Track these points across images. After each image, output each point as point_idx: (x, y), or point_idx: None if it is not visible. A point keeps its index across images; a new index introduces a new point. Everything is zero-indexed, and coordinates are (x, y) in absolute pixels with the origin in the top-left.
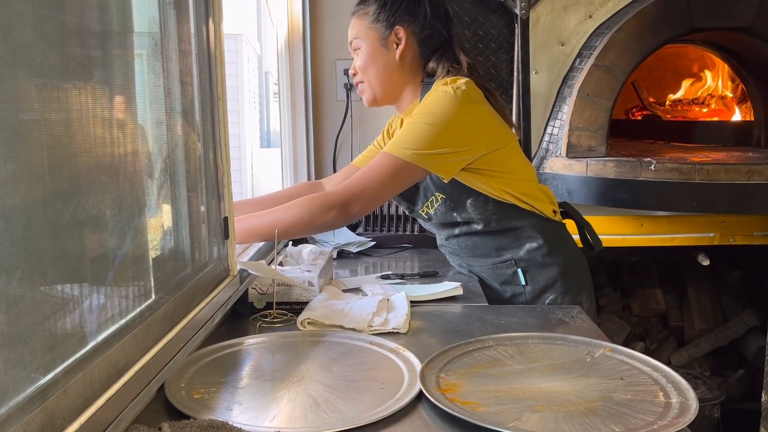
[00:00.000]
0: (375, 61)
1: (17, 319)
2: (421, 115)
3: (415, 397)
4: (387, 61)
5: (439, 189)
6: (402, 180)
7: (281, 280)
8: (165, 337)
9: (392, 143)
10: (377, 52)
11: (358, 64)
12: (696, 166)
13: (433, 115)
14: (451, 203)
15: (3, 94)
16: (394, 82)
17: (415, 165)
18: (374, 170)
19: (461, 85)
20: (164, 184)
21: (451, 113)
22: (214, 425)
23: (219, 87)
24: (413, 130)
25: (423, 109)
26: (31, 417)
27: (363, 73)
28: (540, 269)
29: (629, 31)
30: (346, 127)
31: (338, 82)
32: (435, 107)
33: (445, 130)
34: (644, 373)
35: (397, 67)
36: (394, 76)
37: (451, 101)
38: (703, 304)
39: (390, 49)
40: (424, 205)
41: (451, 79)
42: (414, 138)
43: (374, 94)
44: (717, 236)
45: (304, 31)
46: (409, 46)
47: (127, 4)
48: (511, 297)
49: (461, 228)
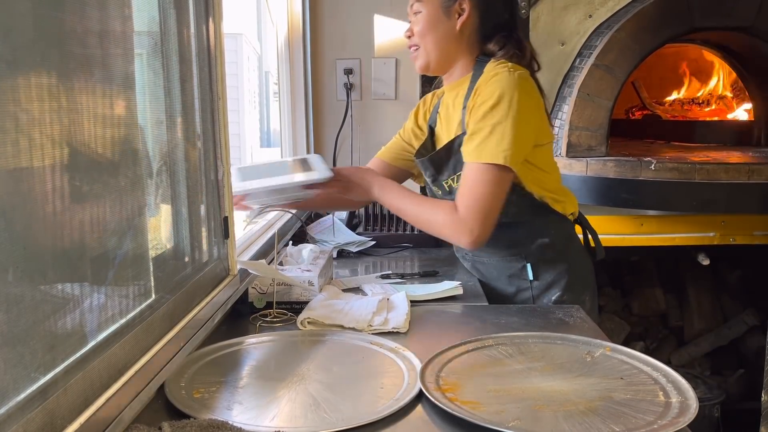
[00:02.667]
0: (434, 28)
1: (17, 318)
2: (493, 109)
3: (415, 397)
4: (446, 30)
5: None
6: (506, 185)
7: (281, 280)
8: (165, 337)
9: (481, 149)
10: (438, 19)
11: (416, 28)
12: (696, 165)
13: (506, 109)
14: None
15: (2, 93)
16: (450, 52)
17: (510, 166)
18: (481, 186)
19: (522, 73)
20: (164, 184)
21: (520, 104)
22: (214, 425)
23: (219, 87)
24: (499, 131)
25: (492, 102)
26: (31, 416)
27: (420, 38)
28: (548, 265)
29: (629, 30)
30: (346, 126)
31: (338, 82)
32: (504, 99)
33: (521, 124)
34: (644, 372)
35: (455, 38)
36: (452, 46)
37: (518, 91)
38: (703, 303)
39: (451, 18)
40: (450, 177)
41: (512, 65)
42: (501, 139)
43: (428, 61)
44: (717, 236)
45: (304, 30)
46: (471, 18)
47: (127, 4)
48: (516, 292)
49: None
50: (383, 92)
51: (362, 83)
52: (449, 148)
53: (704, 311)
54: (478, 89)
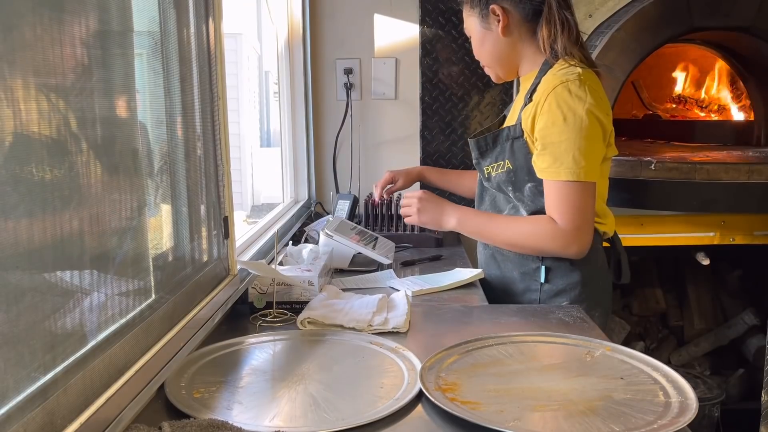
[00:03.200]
0: (483, 43)
1: (17, 318)
2: (565, 122)
3: (415, 397)
4: (494, 41)
5: (511, 158)
6: (593, 191)
7: (281, 280)
8: (165, 337)
9: (558, 168)
10: (483, 35)
11: (474, 50)
12: (696, 165)
13: (578, 123)
14: (512, 176)
15: (2, 93)
16: (509, 57)
17: (589, 181)
18: (574, 200)
19: (587, 77)
20: (164, 184)
21: (590, 115)
22: (214, 424)
23: (219, 87)
24: (572, 146)
25: (562, 115)
26: (31, 416)
27: (479, 57)
28: (563, 272)
29: (629, 30)
30: (346, 126)
31: (338, 82)
32: (575, 112)
33: (593, 136)
34: (644, 372)
35: (505, 44)
36: (506, 51)
37: (587, 101)
38: (703, 303)
39: (493, 29)
40: (490, 165)
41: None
42: (576, 155)
43: (496, 73)
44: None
45: (304, 31)
46: (509, 18)
47: (127, 4)
48: (524, 290)
49: (510, 212)
50: (383, 92)
51: (362, 83)
52: (496, 136)
53: (704, 311)
54: (542, 94)
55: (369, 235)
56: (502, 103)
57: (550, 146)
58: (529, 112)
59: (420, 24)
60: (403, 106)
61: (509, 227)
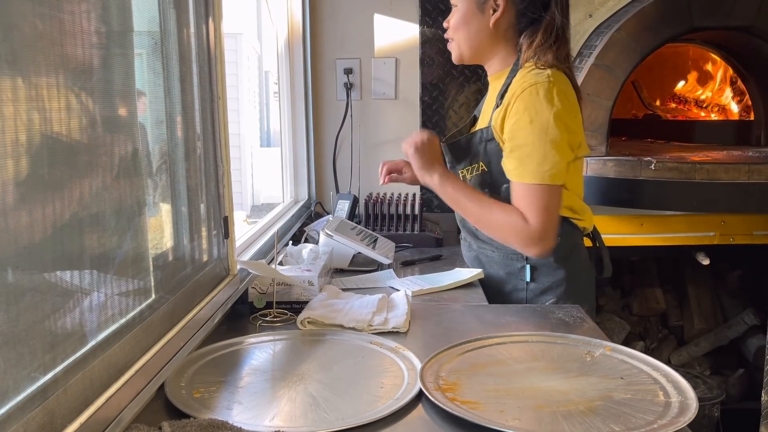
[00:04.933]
0: (467, 22)
1: (17, 318)
2: (531, 125)
3: (415, 397)
4: (480, 26)
5: (485, 159)
6: (560, 193)
7: (281, 280)
8: (165, 337)
9: (523, 170)
10: (471, 15)
11: (452, 21)
12: (696, 165)
13: (543, 125)
14: (488, 178)
15: (2, 93)
16: (484, 47)
17: (556, 184)
18: (540, 201)
19: (556, 77)
20: (164, 184)
21: (557, 117)
22: (214, 424)
23: (219, 87)
24: (539, 149)
25: (528, 117)
26: (31, 416)
27: (453, 31)
28: (548, 270)
29: (629, 30)
30: (346, 126)
31: (338, 82)
32: (541, 114)
33: (559, 138)
34: (644, 372)
35: (489, 34)
36: (485, 41)
37: (555, 102)
38: (703, 303)
39: (486, 14)
40: (465, 168)
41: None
42: (542, 159)
43: (461, 54)
44: (717, 236)
45: (304, 30)
46: (506, 14)
47: (127, 4)
48: (511, 290)
49: None
50: (383, 92)
51: (362, 83)
52: (469, 139)
53: (704, 311)
54: (511, 96)
55: (369, 235)
56: None
57: (516, 149)
58: (499, 114)
59: (420, 24)
60: (403, 106)
61: (483, 207)
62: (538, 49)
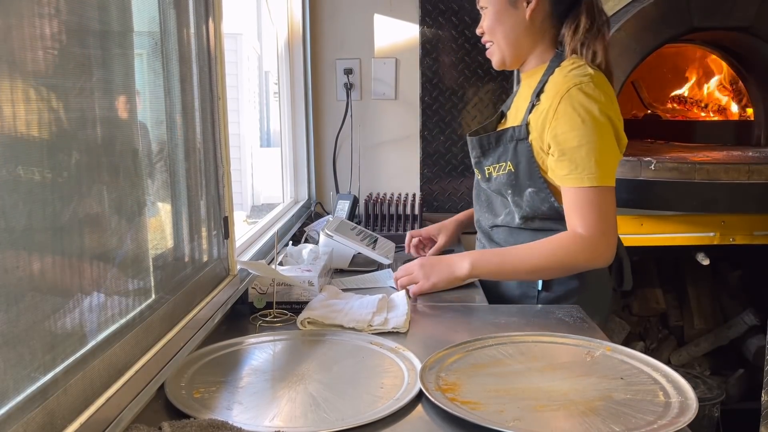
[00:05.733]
0: (502, 21)
1: (17, 318)
2: (583, 126)
3: (415, 397)
4: (515, 21)
5: (514, 160)
6: (614, 196)
7: (281, 280)
8: (165, 337)
9: (579, 174)
10: (505, 12)
11: (485, 24)
12: (696, 165)
13: (592, 127)
14: (513, 180)
15: (2, 93)
16: (523, 44)
17: (611, 185)
18: (598, 206)
19: (597, 79)
20: (164, 184)
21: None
22: (214, 425)
23: (219, 87)
24: (592, 151)
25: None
26: (31, 416)
27: (491, 34)
28: (561, 279)
29: (629, 30)
30: (346, 127)
31: (338, 82)
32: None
33: (609, 137)
34: (644, 372)
35: (526, 28)
36: (523, 37)
37: (600, 101)
38: (703, 303)
39: (519, 8)
40: (492, 165)
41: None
42: (597, 160)
43: (503, 57)
44: (717, 236)
45: (304, 31)
46: (540, 5)
47: (127, 4)
48: (520, 297)
49: (504, 217)
50: (383, 92)
51: (362, 83)
52: (500, 135)
53: (704, 311)
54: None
55: (369, 235)
56: (503, 102)
57: (569, 152)
58: (539, 115)
59: (420, 24)
60: (403, 106)
61: (531, 254)
62: (586, 37)
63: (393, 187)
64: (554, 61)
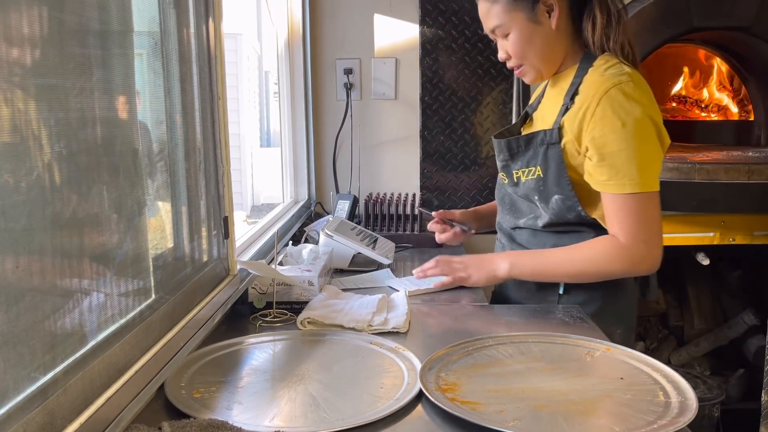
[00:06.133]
0: (531, 41)
1: (17, 318)
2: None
3: (415, 397)
4: (544, 36)
5: (543, 165)
6: (659, 200)
7: (281, 280)
8: (165, 337)
9: (621, 180)
10: (531, 31)
11: (512, 50)
12: (696, 165)
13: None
14: (542, 185)
15: (2, 93)
16: (557, 53)
17: (654, 191)
18: (642, 212)
19: (634, 77)
20: (164, 184)
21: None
22: (214, 424)
23: (219, 87)
24: (633, 156)
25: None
26: (31, 416)
27: (521, 57)
28: (583, 284)
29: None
30: (346, 126)
31: (338, 82)
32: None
33: (652, 140)
34: (644, 372)
35: (556, 38)
36: (555, 47)
37: (642, 103)
38: (703, 303)
39: (544, 22)
40: (521, 170)
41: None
42: (640, 164)
43: (539, 73)
44: (717, 236)
45: (304, 30)
46: (561, 10)
47: (127, 4)
48: (539, 301)
49: (527, 220)
50: (383, 92)
51: (362, 83)
52: (531, 139)
53: (704, 311)
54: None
55: (369, 236)
56: (502, 102)
57: (609, 156)
58: (573, 116)
59: (420, 24)
60: (403, 106)
61: (570, 259)
62: (607, 29)
63: (393, 187)
64: (585, 61)
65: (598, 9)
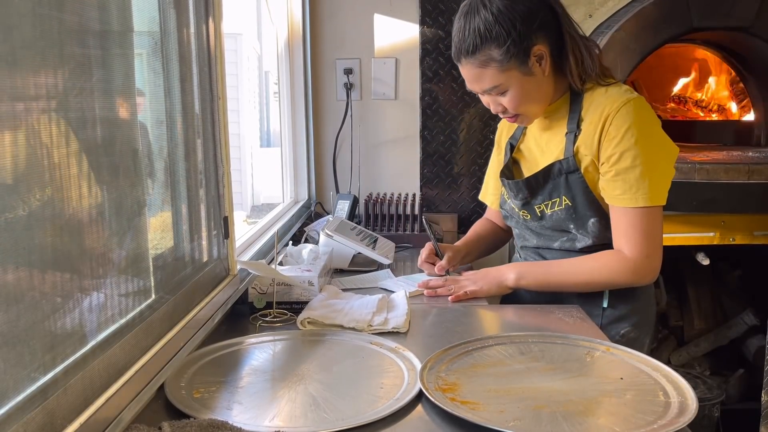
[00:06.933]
0: (528, 93)
1: (17, 318)
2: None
3: (415, 397)
4: (538, 84)
5: (568, 194)
6: (660, 221)
7: (281, 280)
8: (165, 337)
9: (634, 194)
10: (527, 83)
11: (510, 105)
12: (696, 165)
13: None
14: (573, 213)
15: (3, 92)
16: (549, 94)
17: (659, 205)
18: (647, 226)
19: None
20: (164, 184)
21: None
22: (214, 425)
23: (219, 87)
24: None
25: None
26: (31, 416)
27: (519, 108)
28: (625, 298)
29: (629, 30)
30: (346, 126)
31: (338, 82)
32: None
33: (663, 156)
34: (644, 372)
35: (547, 82)
36: (548, 90)
37: (653, 117)
38: (703, 303)
39: (536, 71)
40: (544, 203)
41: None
42: (652, 179)
43: (536, 116)
44: (717, 236)
45: (304, 31)
46: (546, 54)
47: (127, 4)
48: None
49: (563, 242)
50: (383, 92)
51: (362, 83)
52: (548, 172)
53: (704, 311)
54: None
55: (369, 236)
56: None
57: (623, 172)
58: (590, 140)
59: (420, 24)
60: (403, 106)
61: (576, 271)
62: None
63: (393, 187)
64: (573, 90)
65: (573, 45)
